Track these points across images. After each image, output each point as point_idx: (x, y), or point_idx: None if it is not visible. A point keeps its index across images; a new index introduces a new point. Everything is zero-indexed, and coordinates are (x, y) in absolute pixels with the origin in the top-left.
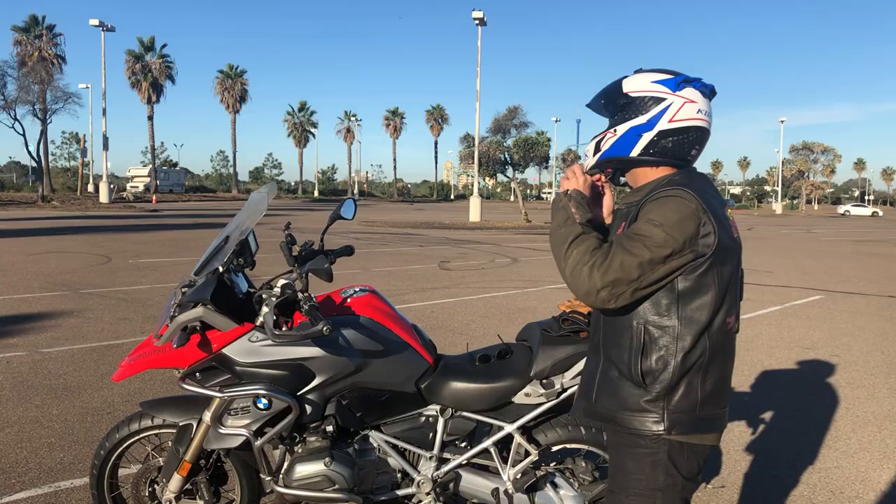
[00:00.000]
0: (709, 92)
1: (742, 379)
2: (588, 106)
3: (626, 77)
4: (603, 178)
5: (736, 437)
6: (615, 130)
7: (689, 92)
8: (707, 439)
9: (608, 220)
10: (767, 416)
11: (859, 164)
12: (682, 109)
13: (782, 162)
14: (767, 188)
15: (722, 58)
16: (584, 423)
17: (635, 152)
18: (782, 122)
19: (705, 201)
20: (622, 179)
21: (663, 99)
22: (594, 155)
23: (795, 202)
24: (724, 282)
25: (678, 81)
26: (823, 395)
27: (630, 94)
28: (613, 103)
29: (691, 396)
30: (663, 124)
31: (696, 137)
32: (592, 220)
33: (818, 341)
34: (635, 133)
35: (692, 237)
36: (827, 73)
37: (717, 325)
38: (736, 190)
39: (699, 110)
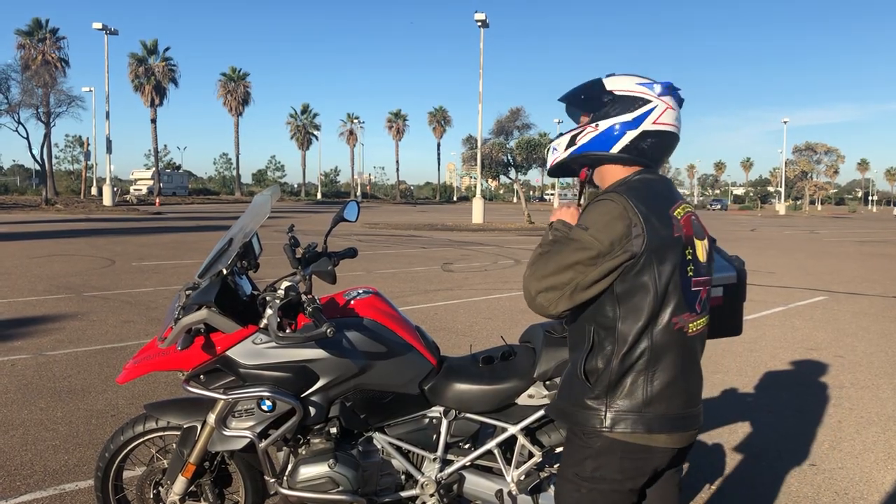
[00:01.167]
0: (680, 103)
1: (745, 380)
2: (561, 99)
3: (605, 77)
4: (584, 175)
5: (739, 438)
6: (597, 125)
7: (670, 99)
8: (657, 440)
9: None
10: (771, 416)
11: (863, 165)
12: (665, 114)
13: (785, 163)
14: (771, 189)
15: (723, 59)
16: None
17: (615, 149)
18: (785, 122)
19: (641, 202)
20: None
21: (649, 101)
22: (566, 149)
23: (799, 203)
24: (663, 281)
25: (664, 87)
26: (827, 395)
27: (615, 93)
28: (596, 99)
29: (635, 396)
30: (647, 125)
31: (669, 143)
32: None
33: (822, 342)
34: (620, 130)
35: (621, 237)
36: (829, 74)
37: (660, 325)
38: (739, 191)
39: (676, 118)
